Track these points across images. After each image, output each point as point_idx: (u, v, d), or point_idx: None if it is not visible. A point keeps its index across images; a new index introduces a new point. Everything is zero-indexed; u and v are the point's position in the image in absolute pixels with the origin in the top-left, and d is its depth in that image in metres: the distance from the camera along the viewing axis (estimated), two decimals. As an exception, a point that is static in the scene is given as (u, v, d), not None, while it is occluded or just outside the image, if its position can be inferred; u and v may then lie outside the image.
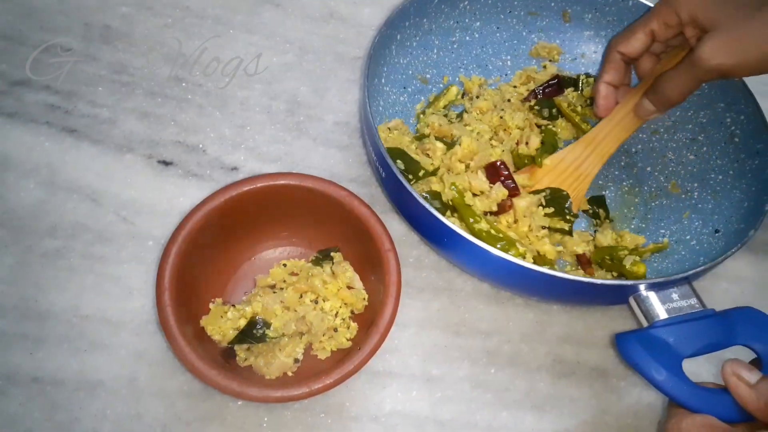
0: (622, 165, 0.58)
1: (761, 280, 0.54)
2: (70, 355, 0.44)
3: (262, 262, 0.48)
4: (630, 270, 0.47)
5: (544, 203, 0.49)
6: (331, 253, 0.47)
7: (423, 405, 0.45)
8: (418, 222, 0.46)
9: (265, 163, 0.54)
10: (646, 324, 0.41)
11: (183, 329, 0.40)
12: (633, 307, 0.42)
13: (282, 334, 0.44)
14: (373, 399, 0.45)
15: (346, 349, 0.44)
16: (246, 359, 0.43)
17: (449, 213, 0.48)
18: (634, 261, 0.48)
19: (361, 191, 0.51)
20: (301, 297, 0.45)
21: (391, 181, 0.44)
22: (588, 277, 0.47)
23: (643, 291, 0.41)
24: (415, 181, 0.50)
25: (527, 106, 0.56)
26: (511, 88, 0.59)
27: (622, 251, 0.49)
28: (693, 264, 0.49)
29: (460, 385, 0.46)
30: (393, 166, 0.42)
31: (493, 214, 0.49)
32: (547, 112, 0.56)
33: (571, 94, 0.57)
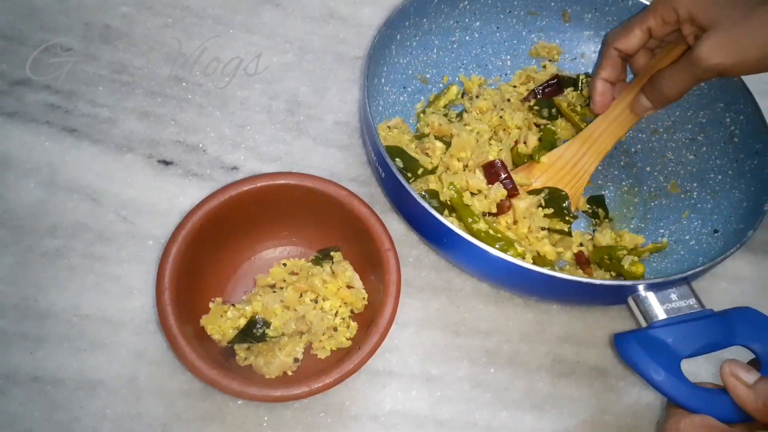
0: (621, 165, 0.58)
1: (760, 280, 0.54)
2: (70, 355, 0.44)
3: (262, 261, 0.48)
4: (628, 270, 0.47)
5: (543, 204, 0.49)
6: (331, 253, 0.47)
7: (422, 404, 0.45)
8: (418, 222, 0.46)
9: (265, 162, 0.54)
10: (645, 324, 0.41)
11: (183, 329, 0.40)
12: (632, 307, 0.42)
13: (282, 334, 0.44)
14: (373, 398, 0.45)
15: (345, 348, 0.44)
16: (246, 358, 0.43)
17: (447, 213, 0.48)
18: (632, 261, 0.48)
19: (361, 191, 0.51)
20: (301, 296, 0.45)
21: (390, 181, 0.44)
22: (586, 278, 0.47)
23: (642, 291, 0.42)
24: (414, 180, 0.50)
25: (527, 105, 0.56)
26: (511, 87, 0.58)
27: (621, 251, 0.49)
28: (692, 264, 0.49)
29: (459, 384, 0.46)
30: (392, 166, 0.42)
31: (492, 215, 0.49)
32: (546, 111, 0.56)
33: (571, 93, 0.57)
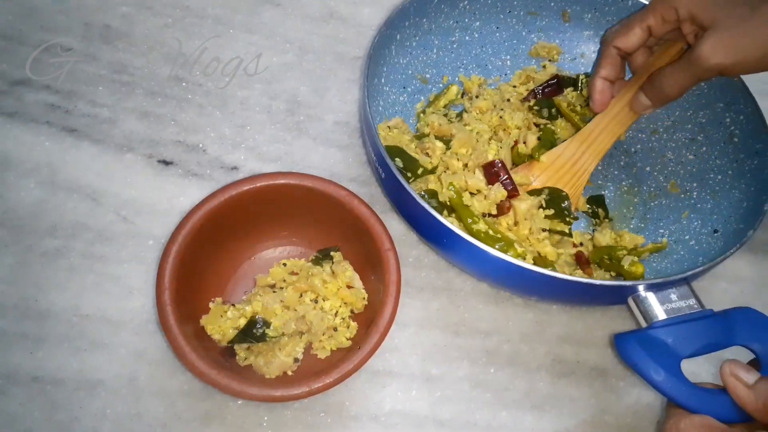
0: (621, 165, 0.58)
1: (760, 280, 0.54)
2: (70, 355, 0.44)
3: (262, 261, 0.48)
4: (628, 270, 0.47)
5: (544, 205, 0.49)
6: (331, 253, 0.47)
7: (422, 404, 0.45)
8: (418, 222, 0.46)
9: (265, 162, 0.54)
10: (645, 324, 0.41)
11: (183, 328, 0.40)
12: (632, 307, 0.42)
13: (282, 334, 0.44)
14: (373, 398, 0.45)
15: (345, 348, 0.44)
16: (246, 358, 0.43)
17: (446, 213, 0.48)
18: (632, 261, 0.48)
19: (361, 191, 0.51)
20: (301, 296, 0.45)
21: (390, 181, 0.44)
22: (586, 278, 0.47)
23: (642, 292, 0.42)
24: (414, 179, 0.50)
25: (527, 105, 0.56)
26: (511, 87, 0.58)
27: (621, 251, 0.49)
28: (692, 264, 0.49)
29: (459, 384, 0.46)
30: (392, 166, 0.42)
31: (492, 216, 0.49)
32: (546, 111, 0.56)
33: (571, 93, 0.57)
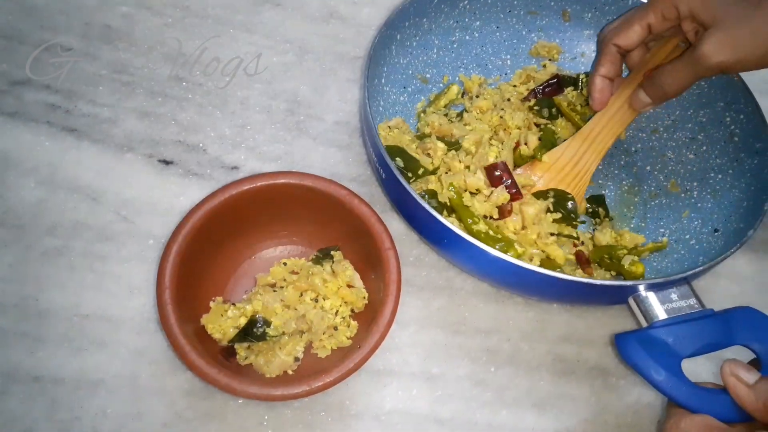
0: (621, 164, 0.58)
1: (761, 280, 0.54)
2: (71, 354, 0.44)
3: (263, 260, 0.48)
4: (629, 270, 0.47)
5: (551, 209, 0.49)
6: (332, 252, 0.47)
7: (423, 403, 0.45)
8: (418, 222, 0.46)
9: (265, 162, 0.54)
10: (646, 324, 0.41)
11: (183, 328, 0.40)
12: (632, 307, 0.42)
13: (282, 333, 0.44)
14: (374, 397, 0.45)
15: (346, 347, 0.44)
16: (246, 358, 0.43)
17: (446, 213, 0.48)
18: (632, 261, 0.48)
19: (361, 190, 0.51)
20: (301, 295, 0.45)
21: (390, 181, 0.44)
22: (586, 278, 0.47)
23: (643, 291, 0.42)
24: (414, 179, 0.50)
25: (527, 105, 0.56)
26: (511, 87, 0.58)
27: (621, 251, 0.49)
28: (692, 263, 0.49)
29: (460, 383, 0.46)
30: (393, 166, 0.42)
31: (494, 219, 0.48)
32: (546, 111, 0.56)
33: (571, 93, 0.57)
